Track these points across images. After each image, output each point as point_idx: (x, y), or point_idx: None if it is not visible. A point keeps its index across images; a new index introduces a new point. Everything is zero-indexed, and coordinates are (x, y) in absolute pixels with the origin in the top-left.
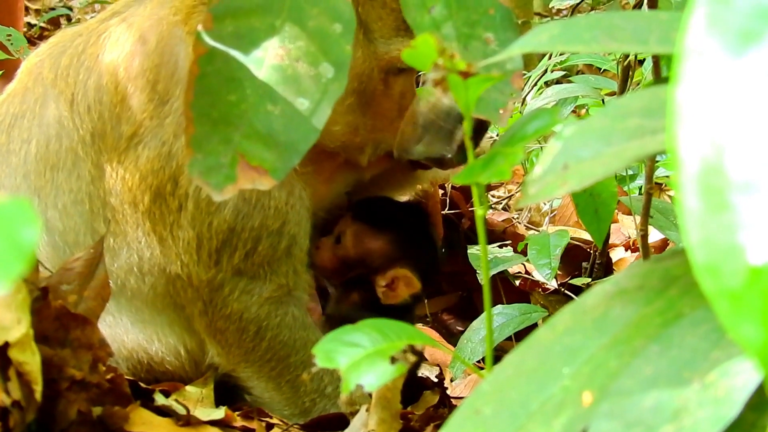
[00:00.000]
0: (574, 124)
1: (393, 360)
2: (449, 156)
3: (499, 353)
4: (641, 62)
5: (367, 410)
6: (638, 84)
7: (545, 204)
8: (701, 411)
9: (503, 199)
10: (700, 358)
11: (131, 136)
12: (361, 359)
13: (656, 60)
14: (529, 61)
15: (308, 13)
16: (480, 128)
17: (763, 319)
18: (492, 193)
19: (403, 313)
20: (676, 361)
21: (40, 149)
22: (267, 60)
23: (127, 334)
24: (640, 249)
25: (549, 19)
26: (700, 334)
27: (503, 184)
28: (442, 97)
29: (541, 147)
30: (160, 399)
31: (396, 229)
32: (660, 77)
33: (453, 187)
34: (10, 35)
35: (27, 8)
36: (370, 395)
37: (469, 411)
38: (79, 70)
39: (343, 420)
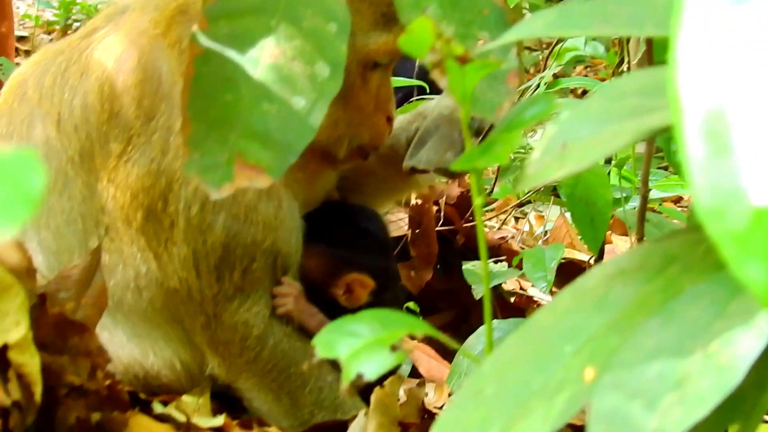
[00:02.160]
0: (572, 107)
1: (393, 349)
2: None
3: None
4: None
5: (366, 415)
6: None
7: (538, 228)
8: (704, 379)
9: (498, 214)
10: (702, 330)
11: (120, 154)
12: (361, 348)
13: (650, 44)
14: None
15: (303, 14)
16: (483, 131)
17: None
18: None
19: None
20: (678, 333)
21: None
22: (263, 60)
23: (122, 348)
24: (636, 230)
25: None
26: (701, 307)
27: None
28: (448, 104)
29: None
30: (158, 408)
31: (323, 241)
32: (653, 62)
33: (447, 204)
34: (1, 64)
35: (17, 49)
36: (368, 402)
37: (471, 392)
38: (64, 89)
39: (342, 427)
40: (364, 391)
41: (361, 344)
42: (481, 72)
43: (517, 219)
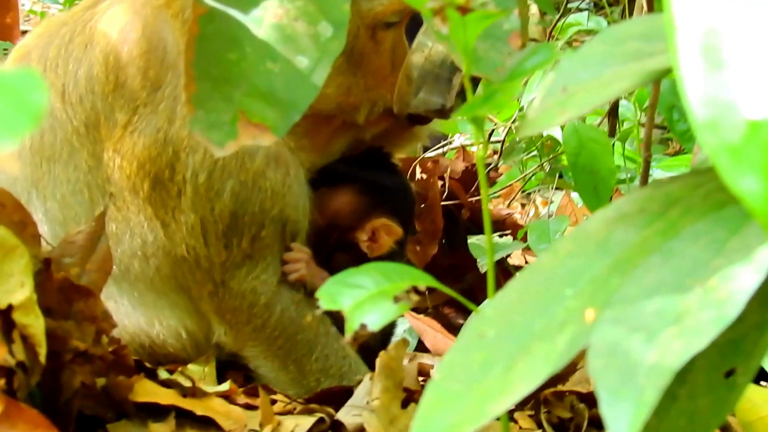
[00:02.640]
0: (572, 53)
1: (396, 300)
2: (448, 105)
3: None
4: None
5: (371, 379)
6: None
7: (543, 209)
8: (703, 313)
9: (504, 188)
10: (702, 267)
11: (126, 124)
12: (364, 300)
13: None
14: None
15: None
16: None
17: (762, 171)
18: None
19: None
20: (677, 269)
21: (35, 142)
22: (266, 19)
23: (128, 318)
24: (640, 177)
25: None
26: (701, 245)
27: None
28: (437, 46)
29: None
30: (163, 374)
31: (356, 182)
32: (653, 9)
33: (452, 178)
34: (6, 49)
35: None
36: (373, 366)
37: (474, 335)
38: (68, 60)
39: (348, 393)
40: (369, 356)
41: (364, 296)
42: (482, 23)
43: (523, 205)
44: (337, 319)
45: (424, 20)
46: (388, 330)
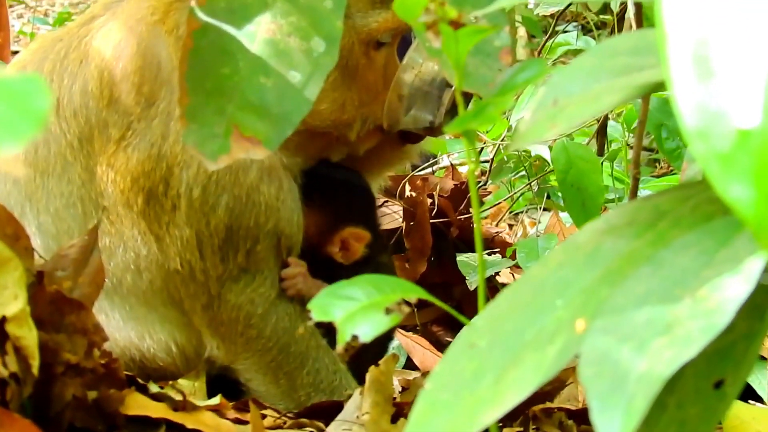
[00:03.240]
0: (563, 67)
1: (387, 311)
2: (437, 122)
3: None
4: None
5: (361, 394)
6: None
7: (531, 229)
8: (693, 322)
9: (492, 207)
10: (691, 277)
11: (120, 139)
12: (356, 311)
13: (638, 7)
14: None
15: None
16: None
17: (752, 179)
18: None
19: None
20: (667, 280)
21: (29, 155)
22: (259, 34)
23: (119, 331)
24: (629, 194)
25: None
26: (690, 256)
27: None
28: (427, 64)
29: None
30: (154, 388)
31: (316, 197)
32: (642, 25)
33: (441, 196)
34: None
35: None
36: (363, 381)
37: (464, 345)
38: (63, 75)
39: (338, 407)
40: (359, 371)
41: (356, 307)
42: (474, 37)
43: (511, 226)
44: (329, 331)
45: (416, 37)
46: (383, 340)
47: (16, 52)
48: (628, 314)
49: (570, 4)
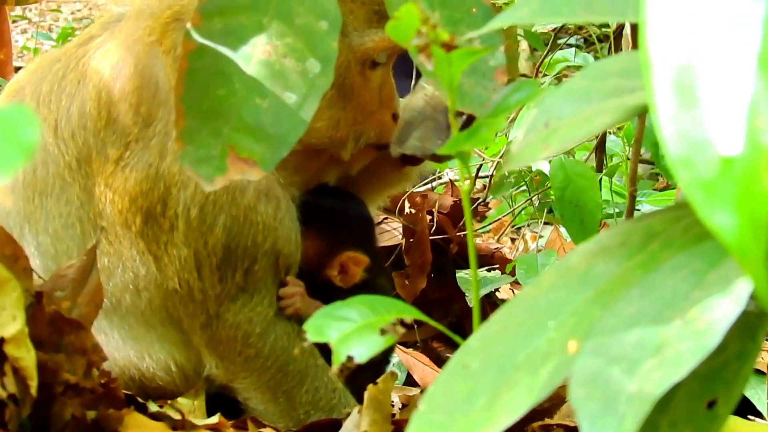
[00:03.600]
0: (555, 88)
1: (382, 332)
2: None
3: None
4: None
5: (359, 412)
6: None
7: (533, 243)
8: (683, 343)
9: (493, 222)
10: (681, 298)
11: (118, 159)
12: (351, 332)
13: (634, 29)
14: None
15: (295, 11)
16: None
17: (735, 207)
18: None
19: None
20: (657, 301)
21: (28, 176)
22: (255, 56)
23: (118, 351)
24: (626, 211)
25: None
26: (680, 278)
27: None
28: (436, 90)
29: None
30: (153, 407)
31: (315, 222)
32: (637, 46)
33: (440, 213)
34: (0, 85)
35: None
36: (361, 399)
37: (458, 366)
38: (61, 96)
39: (336, 425)
40: (358, 389)
41: (351, 328)
42: (466, 59)
43: (513, 240)
44: (326, 350)
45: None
46: (380, 359)
47: (19, 68)
48: (618, 335)
49: None
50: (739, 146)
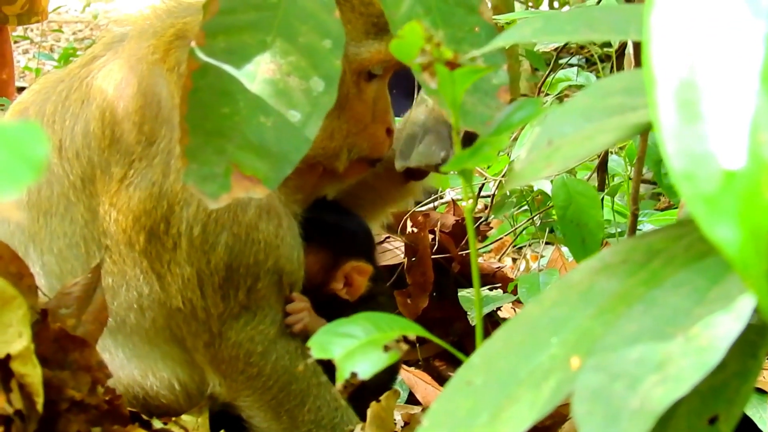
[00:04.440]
0: (557, 107)
1: (386, 349)
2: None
3: None
4: None
5: (362, 429)
6: None
7: (534, 263)
8: (685, 360)
9: (494, 241)
10: (683, 315)
11: (121, 178)
12: (355, 349)
13: (636, 48)
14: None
15: (299, 30)
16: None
17: (738, 220)
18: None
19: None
20: (659, 318)
21: (32, 196)
22: (259, 74)
23: (122, 369)
24: (628, 231)
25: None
26: (682, 295)
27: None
28: (432, 106)
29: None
30: (157, 424)
31: (316, 237)
32: (640, 64)
33: (442, 232)
34: (2, 104)
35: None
36: (364, 416)
37: (461, 382)
38: (65, 116)
39: None
40: (361, 406)
41: (355, 345)
42: (470, 77)
43: (514, 260)
44: (329, 368)
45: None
46: (386, 379)
47: (21, 88)
48: (620, 352)
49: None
50: (741, 160)
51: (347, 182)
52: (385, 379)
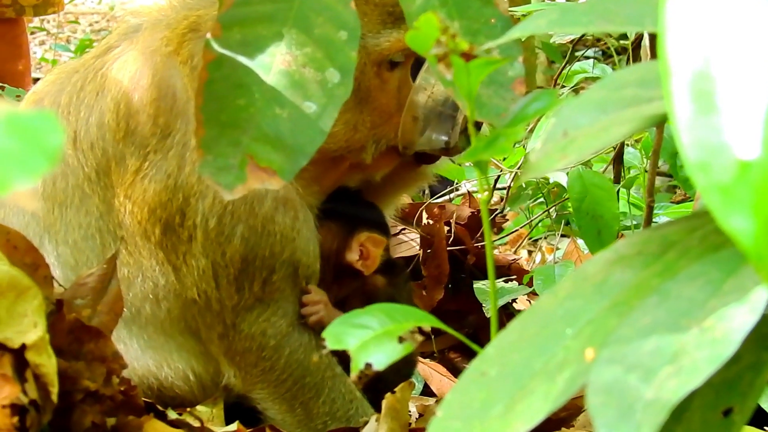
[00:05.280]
0: (572, 99)
1: (401, 340)
2: (452, 143)
3: None
4: None
5: (377, 421)
6: None
7: (550, 256)
8: (699, 352)
9: (510, 234)
10: (697, 307)
11: (136, 170)
12: (369, 340)
13: (652, 41)
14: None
15: (314, 22)
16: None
17: (752, 210)
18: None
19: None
20: (673, 310)
21: (47, 188)
22: (275, 66)
23: (137, 360)
24: (643, 223)
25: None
26: (697, 287)
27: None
28: (439, 85)
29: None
30: (172, 414)
31: (331, 207)
32: (655, 56)
33: (458, 224)
34: (19, 95)
35: None
36: (379, 408)
37: (475, 374)
38: (80, 108)
39: None
40: (375, 398)
41: (370, 336)
42: (485, 69)
43: (530, 253)
44: (343, 359)
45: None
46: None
47: (37, 80)
48: (635, 344)
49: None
50: (756, 151)
51: (379, 174)
52: (405, 373)
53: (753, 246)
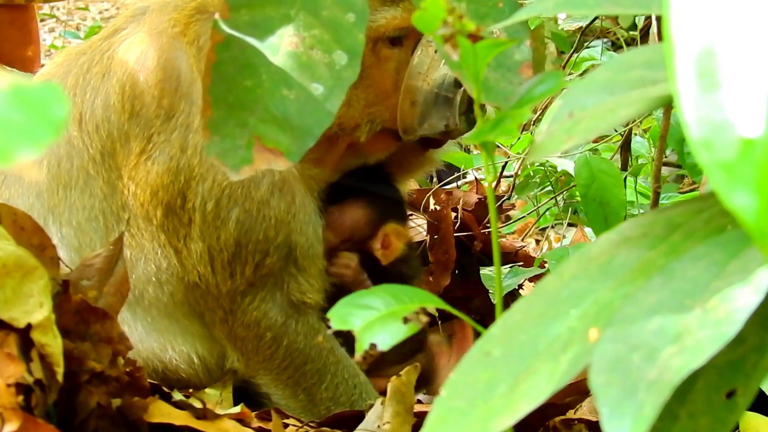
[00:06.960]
0: (578, 80)
1: (405, 320)
2: (453, 124)
3: None
4: None
5: (382, 404)
6: None
7: (557, 244)
8: (702, 332)
9: (517, 220)
10: (701, 288)
11: (140, 152)
12: (374, 320)
13: (659, 21)
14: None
15: (322, 3)
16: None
17: (755, 188)
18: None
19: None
20: (677, 291)
21: (52, 169)
22: (282, 47)
23: (142, 343)
24: (651, 206)
25: None
26: (701, 267)
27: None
28: (435, 67)
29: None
30: (177, 396)
31: (365, 195)
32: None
33: (465, 210)
34: None
35: None
36: (384, 392)
37: (479, 354)
38: (86, 89)
39: (359, 417)
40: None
41: (375, 316)
42: (492, 51)
43: (537, 242)
44: (348, 341)
45: (421, 42)
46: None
47: None
48: (639, 323)
49: (595, 19)
50: (759, 128)
51: (374, 156)
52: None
53: (756, 223)
